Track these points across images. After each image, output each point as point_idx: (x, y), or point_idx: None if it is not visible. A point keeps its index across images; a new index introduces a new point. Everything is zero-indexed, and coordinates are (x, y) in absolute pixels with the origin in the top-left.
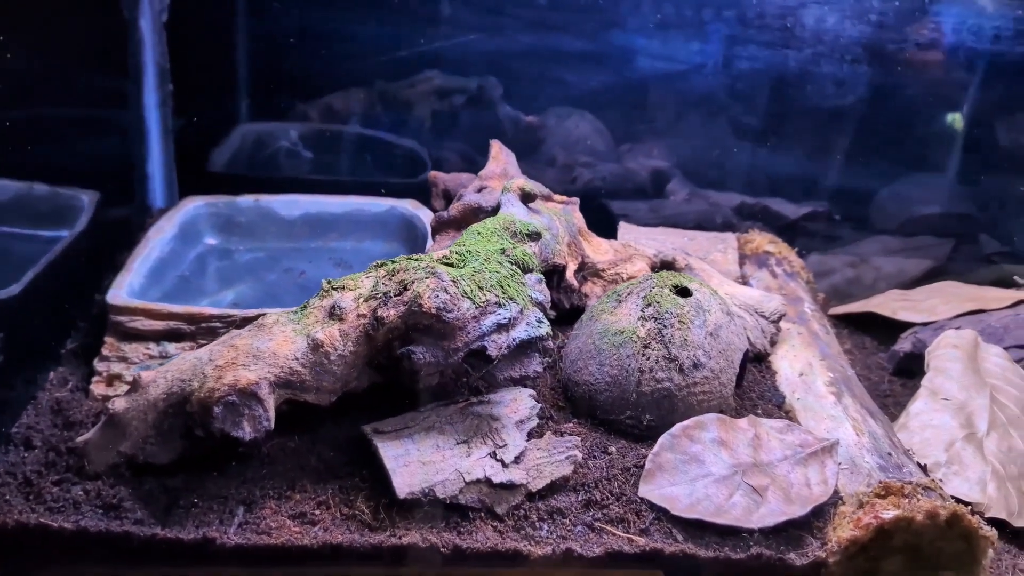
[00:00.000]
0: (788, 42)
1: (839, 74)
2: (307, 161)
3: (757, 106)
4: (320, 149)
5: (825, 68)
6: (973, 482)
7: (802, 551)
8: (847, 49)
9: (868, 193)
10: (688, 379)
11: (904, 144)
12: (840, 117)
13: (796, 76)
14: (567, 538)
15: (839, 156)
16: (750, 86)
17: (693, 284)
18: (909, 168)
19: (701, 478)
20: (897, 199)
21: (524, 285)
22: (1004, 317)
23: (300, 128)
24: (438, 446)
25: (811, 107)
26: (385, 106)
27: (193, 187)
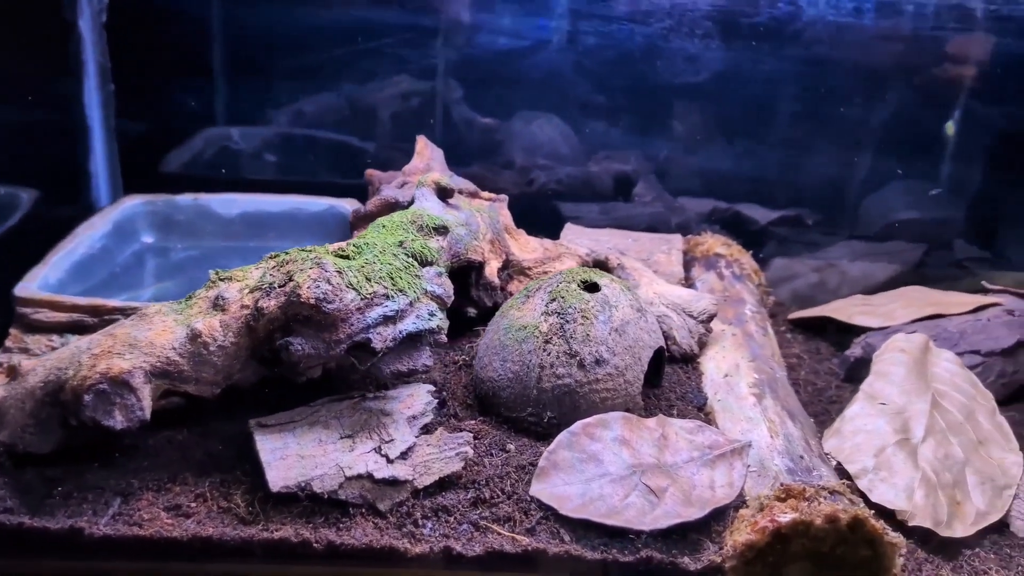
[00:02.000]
0: (636, 17)
1: (692, 50)
2: (263, 163)
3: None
4: (275, 151)
5: (675, 44)
6: (900, 489)
7: (697, 555)
8: (697, 23)
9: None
10: (590, 375)
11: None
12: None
13: (646, 52)
14: (450, 536)
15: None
16: (599, 62)
17: (603, 280)
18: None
19: (597, 478)
20: (873, 203)
21: (419, 278)
22: (962, 322)
23: (251, 130)
24: (320, 440)
25: (664, 84)
26: (351, 109)
27: (143, 186)
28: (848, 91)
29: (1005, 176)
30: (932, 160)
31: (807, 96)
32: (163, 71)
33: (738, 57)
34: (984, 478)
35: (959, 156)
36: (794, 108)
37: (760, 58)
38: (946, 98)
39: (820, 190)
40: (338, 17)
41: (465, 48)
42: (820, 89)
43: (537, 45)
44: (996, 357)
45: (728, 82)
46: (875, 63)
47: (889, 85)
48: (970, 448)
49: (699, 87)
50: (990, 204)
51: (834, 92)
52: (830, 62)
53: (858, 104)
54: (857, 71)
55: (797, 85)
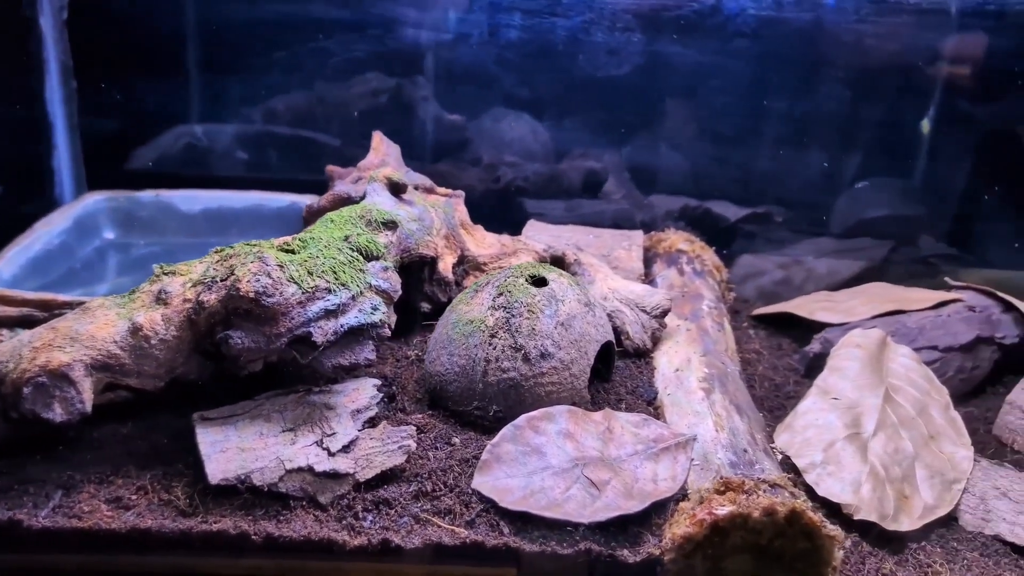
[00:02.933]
0: (557, 10)
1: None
2: (228, 160)
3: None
4: (242, 148)
5: (598, 38)
6: (846, 483)
7: (637, 547)
8: (618, 17)
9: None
10: (535, 369)
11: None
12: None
13: (568, 45)
14: (389, 529)
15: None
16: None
17: (552, 274)
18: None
19: (540, 471)
20: (845, 201)
21: (364, 272)
22: (922, 318)
23: (216, 127)
24: (261, 433)
25: (587, 77)
26: (321, 106)
27: (107, 183)
28: (817, 88)
29: (974, 173)
30: (900, 157)
31: (774, 93)
32: (126, 68)
33: (705, 54)
34: (934, 472)
35: (927, 153)
36: (758, 105)
37: (720, 54)
38: (911, 94)
39: (791, 187)
40: (303, 12)
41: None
42: (787, 85)
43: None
44: (955, 353)
45: (701, 80)
46: (854, 61)
47: (861, 83)
48: (921, 443)
49: (676, 86)
50: (959, 201)
51: (804, 88)
52: (794, 59)
53: (826, 101)
54: (829, 68)
55: (766, 82)
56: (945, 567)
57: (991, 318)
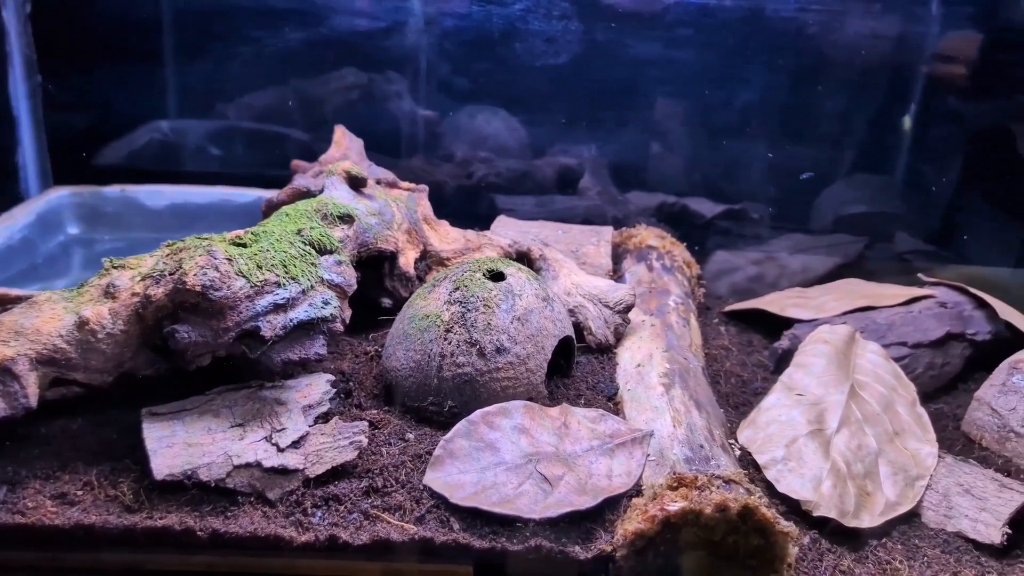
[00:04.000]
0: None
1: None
2: (197, 155)
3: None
4: (211, 143)
5: (535, 26)
6: (807, 479)
7: (589, 544)
8: (555, 5)
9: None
10: (491, 364)
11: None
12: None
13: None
14: (338, 525)
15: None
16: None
17: (510, 269)
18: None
19: (493, 466)
20: (824, 198)
21: (315, 266)
22: (893, 314)
23: (185, 123)
24: (209, 429)
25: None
26: (298, 102)
27: (74, 178)
28: (793, 82)
29: (952, 170)
30: (879, 153)
31: (751, 87)
32: (92, 62)
33: (678, 49)
34: (897, 469)
35: (907, 150)
36: (735, 100)
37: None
38: (891, 90)
39: (768, 183)
40: (273, 5)
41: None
42: (762, 80)
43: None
44: (924, 349)
45: (677, 76)
46: (833, 56)
47: (837, 77)
48: (885, 439)
49: (653, 82)
50: (937, 198)
51: (780, 83)
52: (771, 52)
53: (802, 96)
54: (821, 63)
55: (741, 77)
56: (904, 564)
57: (963, 314)
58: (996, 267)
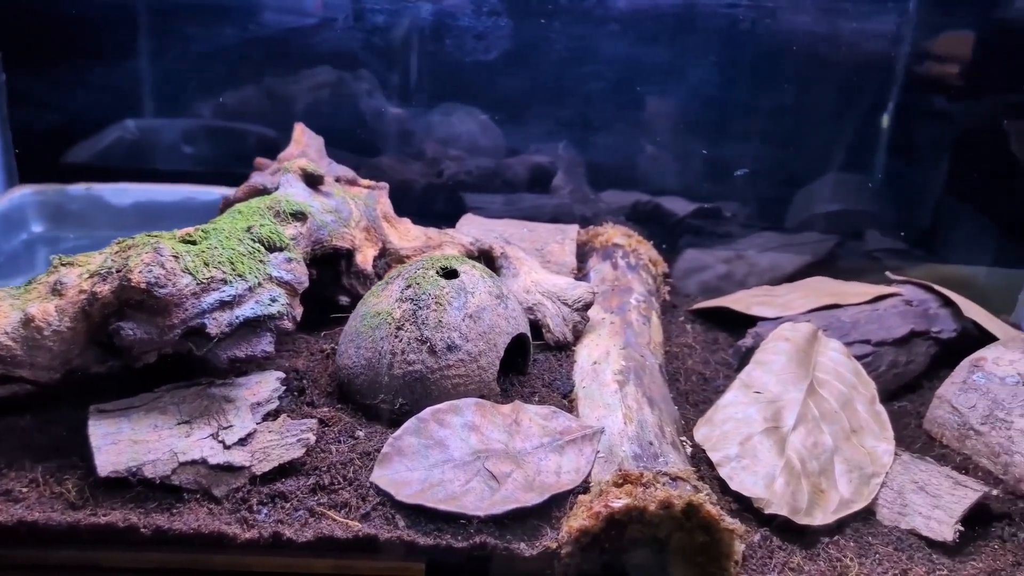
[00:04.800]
0: None
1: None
2: (167, 153)
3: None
4: (181, 141)
5: (464, 23)
6: (760, 477)
7: (535, 541)
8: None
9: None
10: (441, 362)
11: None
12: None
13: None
14: (283, 522)
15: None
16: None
17: (464, 267)
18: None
19: (441, 464)
20: (800, 196)
21: (264, 263)
22: (857, 312)
23: (153, 121)
24: (156, 426)
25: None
26: (271, 100)
27: (41, 177)
28: (770, 81)
29: (928, 169)
30: (855, 152)
31: (724, 86)
32: (58, 60)
33: (650, 47)
34: (853, 466)
35: (884, 149)
36: (710, 99)
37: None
38: (867, 88)
39: (745, 182)
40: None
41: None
42: (739, 78)
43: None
44: (888, 347)
45: (651, 75)
46: (819, 55)
47: (814, 76)
48: (842, 437)
49: (627, 80)
50: (912, 197)
51: (756, 81)
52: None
53: (784, 96)
54: (797, 61)
55: (715, 75)
56: (855, 561)
57: (928, 312)
58: (972, 266)
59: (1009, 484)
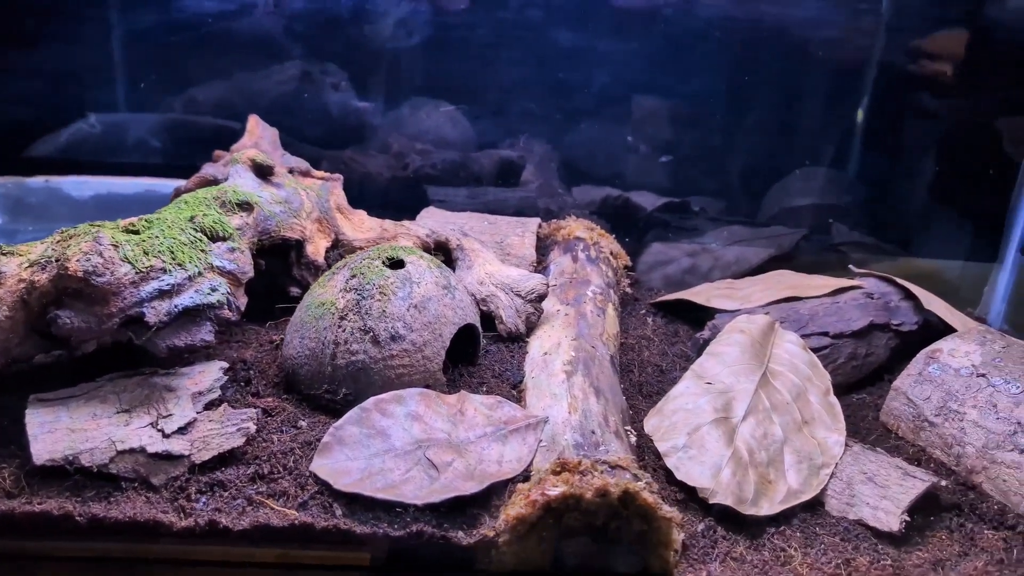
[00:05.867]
0: None
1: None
2: (131, 147)
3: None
4: (145, 135)
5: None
6: (707, 467)
7: (474, 529)
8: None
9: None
10: (385, 351)
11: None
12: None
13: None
14: (221, 511)
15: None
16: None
17: (411, 257)
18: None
19: (382, 453)
20: (773, 190)
21: (206, 253)
22: (817, 305)
23: (116, 116)
24: (95, 415)
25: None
26: (235, 93)
27: (4, 170)
28: (742, 75)
29: (903, 163)
30: (829, 146)
31: (693, 81)
32: (19, 51)
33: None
34: (802, 457)
35: (858, 142)
36: (682, 92)
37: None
38: (840, 83)
39: (717, 177)
40: None
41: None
42: (716, 72)
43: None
44: (846, 339)
45: (624, 70)
46: (793, 49)
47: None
48: (793, 428)
49: (599, 74)
50: (884, 190)
51: (732, 75)
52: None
53: (758, 90)
54: (771, 54)
55: (691, 68)
56: (799, 551)
57: (889, 305)
58: (941, 260)
59: (961, 475)
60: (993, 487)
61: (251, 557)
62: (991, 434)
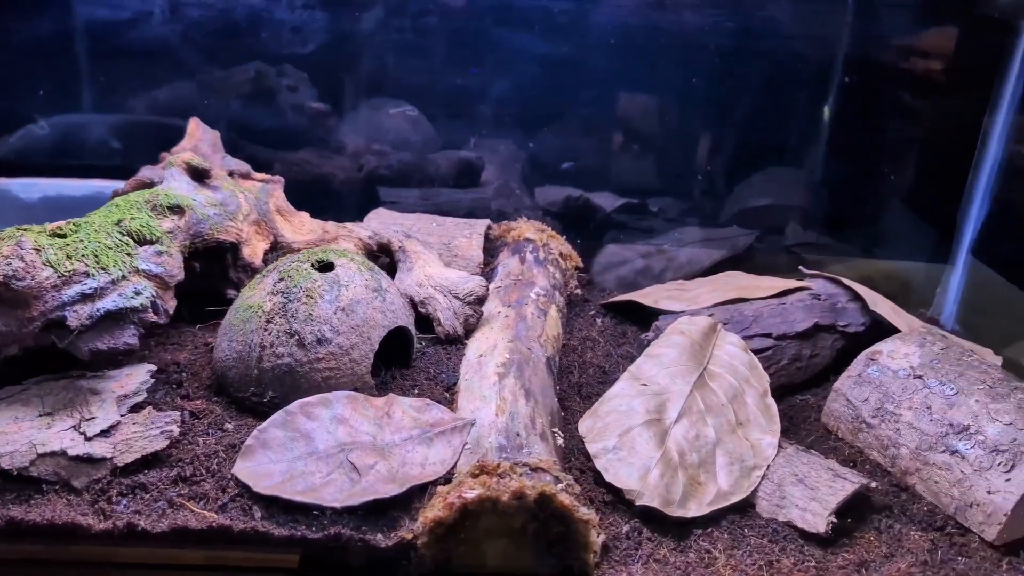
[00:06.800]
0: None
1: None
2: (75, 148)
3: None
4: (101, 137)
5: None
6: (635, 468)
7: (393, 532)
8: None
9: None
10: (311, 355)
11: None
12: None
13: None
14: (141, 513)
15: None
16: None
17: (341, 260)
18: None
19: (305, 456)
20: (735, 190)
21: (132, 256)
22: (762, 306)
23: (68, 116)
24: (16, 418)
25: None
26: (195, 96)
27: None
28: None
29: (853, 164)
30: (788, 147)
31: (658, 82)
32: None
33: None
34: (734, 459)
35: (821, 144)
36: (639, 94)
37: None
38: (801, 82)
39: (673, 177)
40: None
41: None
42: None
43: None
44: (790, 340)
45: (583, 72)
46: (757, 49)
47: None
48: (727, 430)
49: (560, 76)
50: (842, 191)
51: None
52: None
53: (721, 91)
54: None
55: (656, 70)
56: (723, 553)
57: (836, 306)
58: (895, 261)
59: (895, 477)
60: (925, 488)
61: (177, 559)
62: (924, 435)
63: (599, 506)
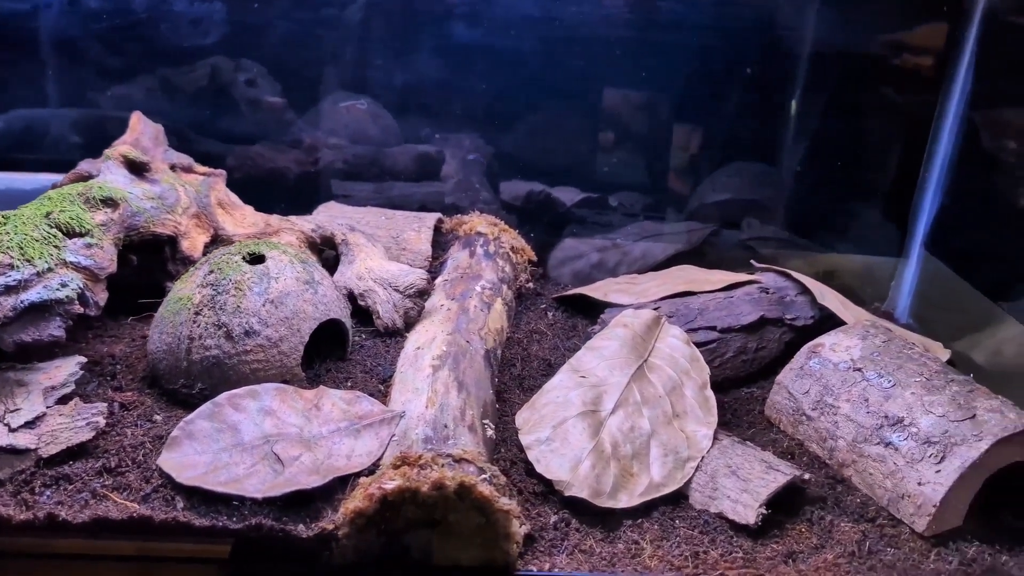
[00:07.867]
0: None
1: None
2: (31, 143)
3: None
4: (65, 133)
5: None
6: (566, 459)
7: (315, 523)
8: None
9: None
10: (239, 347)
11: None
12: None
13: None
14: (63, 503)
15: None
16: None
17: (272, 252)
18: None
19: (230, 447)
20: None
21: (60, 248)
22: (709, 299)
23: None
24: None
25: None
26: (163, 91)
27: None
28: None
29: (810, 158)
30: (750, 142)
31: (625, 76)
32: None
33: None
34: (669, 450)
35: (769, 139)
36: (599, 89)
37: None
38: (764, 77)
39: (634, 171)
40: None
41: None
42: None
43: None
44: (736, 333)
45: (549, 65)
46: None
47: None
48: (662, 421)
49: (522, 70)
50: (803, 186)
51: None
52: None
53: (687, 85)
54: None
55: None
56: (652, 544)
57: (784, 299)
58: (850, 254)
59: (832, 469)
60: (860, 480)
61: (109, 550)
62: (860, 428)
63: (529, 497)
